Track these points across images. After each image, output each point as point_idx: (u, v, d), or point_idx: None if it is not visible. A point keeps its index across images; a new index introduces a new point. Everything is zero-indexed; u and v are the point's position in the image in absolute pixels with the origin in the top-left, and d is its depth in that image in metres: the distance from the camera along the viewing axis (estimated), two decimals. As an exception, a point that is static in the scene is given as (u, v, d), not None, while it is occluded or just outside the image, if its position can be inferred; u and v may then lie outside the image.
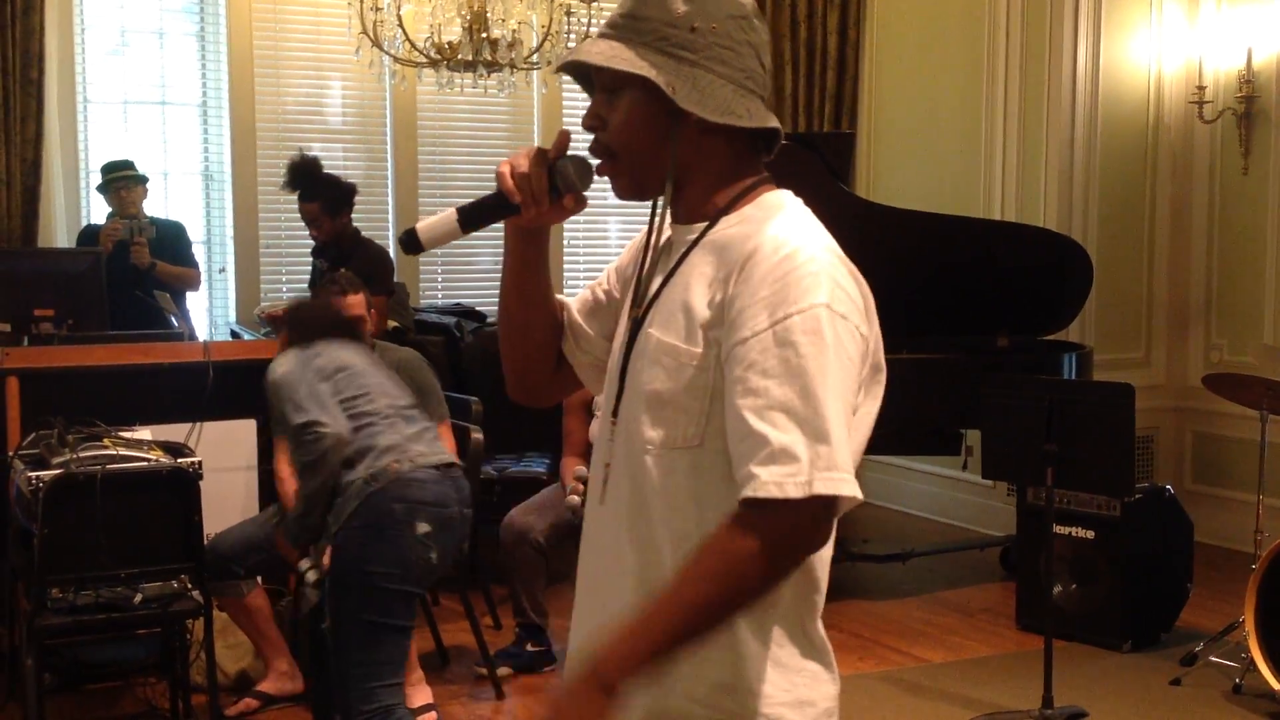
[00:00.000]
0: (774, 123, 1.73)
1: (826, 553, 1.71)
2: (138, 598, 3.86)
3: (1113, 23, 6.64)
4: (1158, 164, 6.81)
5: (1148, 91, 6.76)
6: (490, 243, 7.38)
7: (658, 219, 1.77)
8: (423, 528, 3.48)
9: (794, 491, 1.53)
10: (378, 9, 6.06)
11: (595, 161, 1.75)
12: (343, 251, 5.69)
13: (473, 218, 1.75)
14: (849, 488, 1.56)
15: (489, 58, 6.02)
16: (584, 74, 1.78)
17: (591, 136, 1.76)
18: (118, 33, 6.94)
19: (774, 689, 1.67)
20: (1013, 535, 5.79)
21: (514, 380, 1.94)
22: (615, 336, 1.83)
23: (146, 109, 7.00)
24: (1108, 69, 6.64)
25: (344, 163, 7.26)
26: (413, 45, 6.10)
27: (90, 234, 6.23)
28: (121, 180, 6.13)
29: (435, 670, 4.83)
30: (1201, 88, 6.52)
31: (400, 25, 6.06)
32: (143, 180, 6.23)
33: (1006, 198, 6.90)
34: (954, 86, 7.20)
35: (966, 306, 6.05)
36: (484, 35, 5.96)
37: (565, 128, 1.80)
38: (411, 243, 1.75)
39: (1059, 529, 5.08)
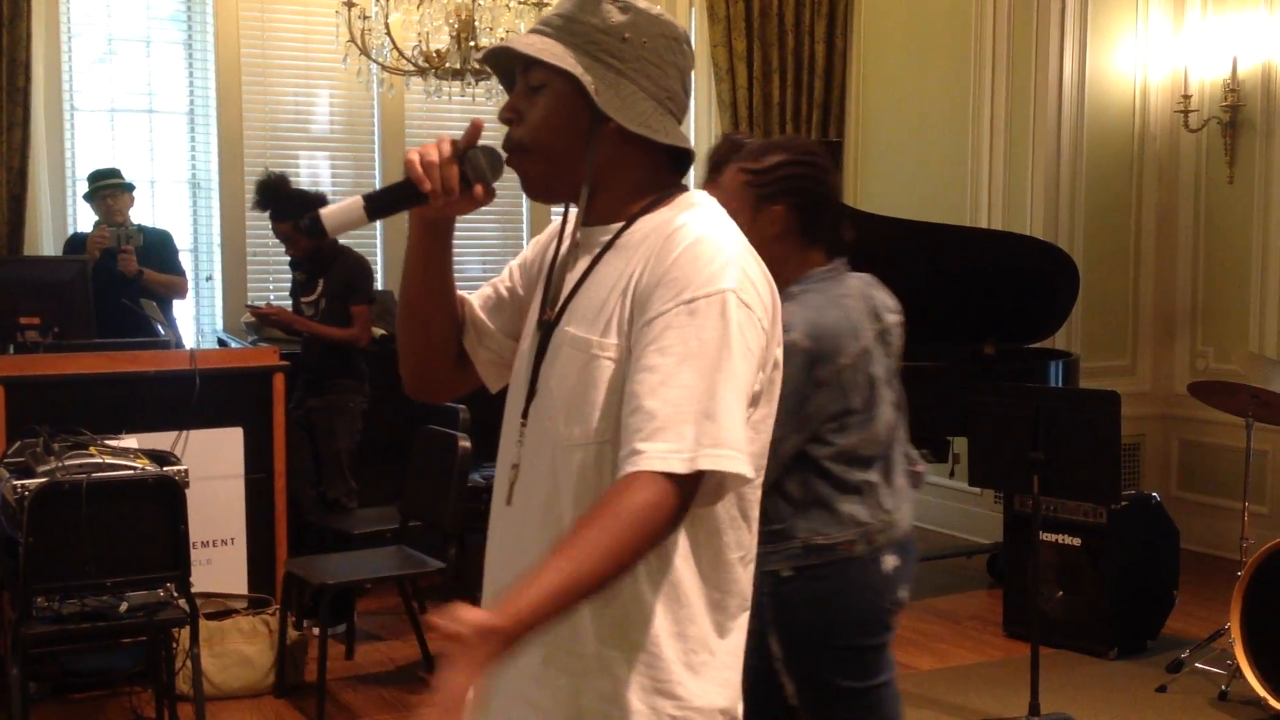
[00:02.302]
0: (687, 144, 1.75)
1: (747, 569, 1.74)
2: (123, 606, 3.86)
3: (1098, 31, 6.66)
4: (1143, 172, 6.84)
5: (1133, 100, 6.78)
6: (477, 249, 7.38)
7: (571, 221, 1.78)
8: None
9: (677, 466, 1.54)
10: (365, 17, 6.07)
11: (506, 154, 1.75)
12: (322, 262, 5.67)
13: (380, 206, 1.74)
14: (735, 464, 1.57)
15: (477, 66, 6.03)
16: (507, 70, 1.79)
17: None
18: (105, 40, 6.94)
19: (696, 687, 1.68)
20: (1000, 542, 5.80)
21: (411, 374, 1.93)
22: (523, 337, 1.83)
23: (133, 117, 7.00)
24: (1093, 78, 6.67)
25: (331, 171, 7.27)
26: (400, 53, 6.11)
27: (77, 242, 6.22)
28: (108, 188, 6.13)
29: (414, 679, 4.83)
30: (1187, 96, 6.54)
31: (388, 33, 6.06)
32: (129, 188, 6.22)
33: (993, 206, 6.92)
34: (941, 95, 7.22)
35: (953, 314, 6.06)
36: (472, 43, 5.97)
37: (478, 118, 1.81)
38: (315, 228, 1.73)
39: (1046, 536, 5.09)
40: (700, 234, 1.65)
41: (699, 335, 1.58)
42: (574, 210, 1.77)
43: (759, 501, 1.76)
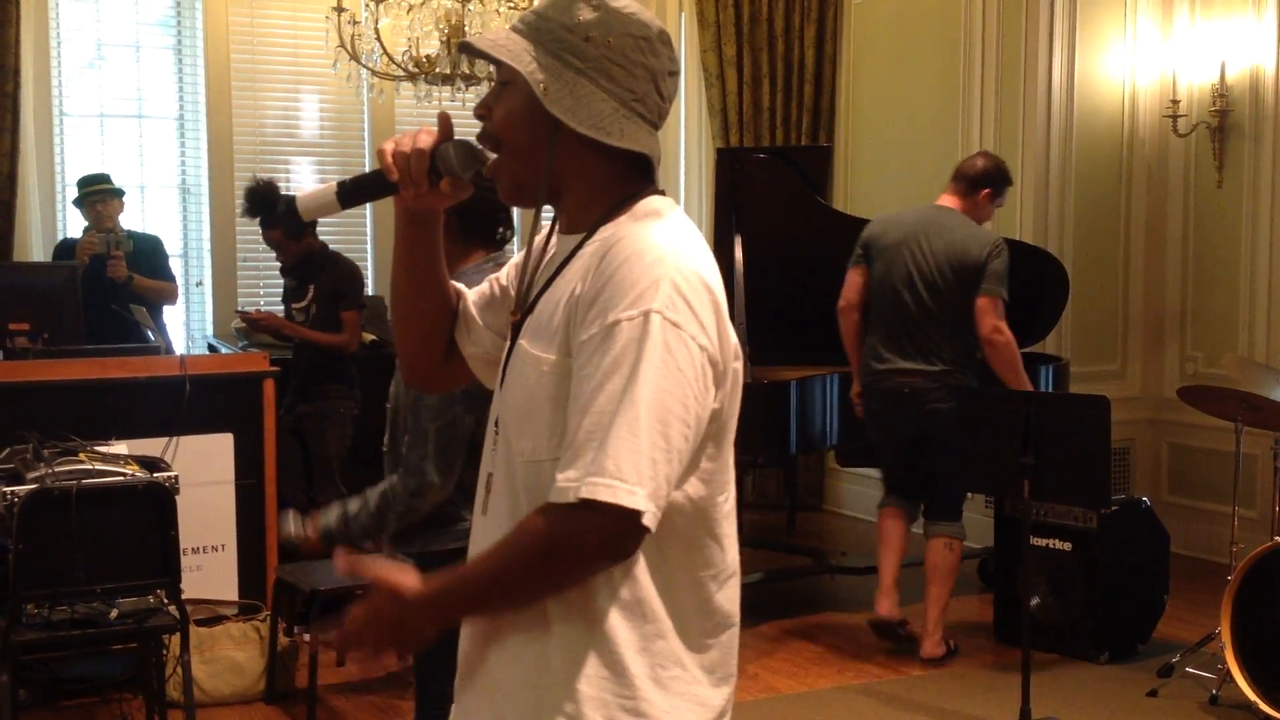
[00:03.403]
0: (645, 148, 1.68)
1: (724, 579, 1.71)
2: (114, 613, 3.84)
3: (1087, 36, 6.68)
4: (1133, 177, 6.85)
5: (1122, 105, 6.80)
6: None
7: (546, 226, 1.78)
8: None
9: (570, 497, 1.53)
10: (355, 22, 6.06)
11: (492, 155, 1.73)
12: (312, 268, 5.66)
13: (352, 193, 1.76)
14: (617, 495, 1.51)
15: (467, 71, 6.03)
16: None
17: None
18: (94, 46, 6.93)
19: (662, 705, 1.65)
20: (990, 547, 5.80)
21: (405, 364, 1.95)
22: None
23: (123, 122, 6.99)
24: (1082, 82, 6.68)
25: (321, 176, 7.26)
26: (390, 59, 6.10)
27: (66, 248, 6.21)
28: (98, 194, 6.11)
29: (405, 685, 4.81)
30: (1175, 101, 6.56)
31: (378, 38, 6.06)
32: (119, 194, 6.21)
33: (983, 211, 6.91)
34: (930, 100, 7.23)
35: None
36: (462, 49, 5.96)
37: (444, 110, 1.80)
38: (291, 212, 1.77)
39: (1036, 541, 5.10)
40: (637, 249, 1.59)
41: (615, 359, 1.54)
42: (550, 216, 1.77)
43: (732, 518, 1.72)
